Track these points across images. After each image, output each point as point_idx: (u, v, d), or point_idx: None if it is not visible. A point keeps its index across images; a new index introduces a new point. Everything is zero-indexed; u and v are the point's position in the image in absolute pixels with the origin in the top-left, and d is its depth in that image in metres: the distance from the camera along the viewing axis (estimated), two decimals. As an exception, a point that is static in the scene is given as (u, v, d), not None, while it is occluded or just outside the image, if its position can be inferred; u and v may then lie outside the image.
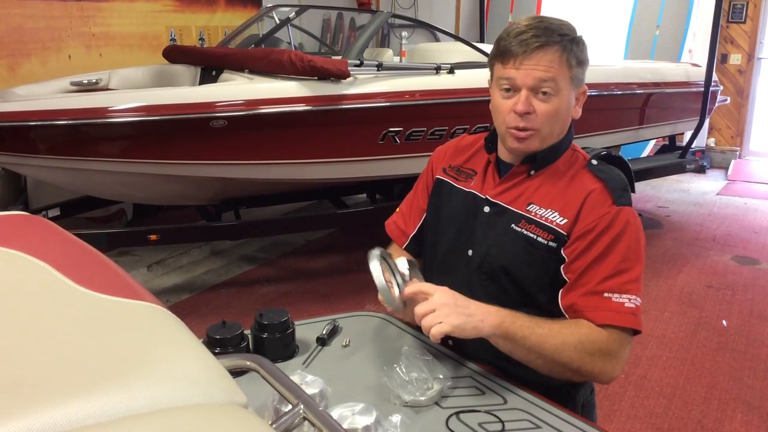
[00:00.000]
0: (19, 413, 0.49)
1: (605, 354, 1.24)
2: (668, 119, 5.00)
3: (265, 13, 4.42)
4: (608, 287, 1.25)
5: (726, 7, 6.59)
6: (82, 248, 0.85)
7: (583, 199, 1.30)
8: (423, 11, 7.03)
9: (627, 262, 1.27)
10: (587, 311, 1.26)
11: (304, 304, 3.60)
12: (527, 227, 1.32)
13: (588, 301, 1.26)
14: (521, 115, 1.29)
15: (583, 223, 1.28)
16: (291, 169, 3.46)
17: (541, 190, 1.34)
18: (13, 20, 4.01)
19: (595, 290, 1.26)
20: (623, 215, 1.28)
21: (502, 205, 1.36)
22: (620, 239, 1.27)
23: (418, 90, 3.49)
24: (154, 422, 0.51)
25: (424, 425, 1.16)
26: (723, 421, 2.56)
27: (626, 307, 1.25)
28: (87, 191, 3.59)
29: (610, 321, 1.24)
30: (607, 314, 1.24)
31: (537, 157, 1.35)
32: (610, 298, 1.25)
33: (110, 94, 3.41)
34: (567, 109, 1.33)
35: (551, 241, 1.30)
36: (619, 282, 1.25)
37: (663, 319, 3.47)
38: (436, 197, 1.51)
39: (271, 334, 1.38)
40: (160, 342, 0.64)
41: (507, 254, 1.33)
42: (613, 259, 1.26)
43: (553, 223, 1.30)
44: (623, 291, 1.25)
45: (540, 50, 1.26)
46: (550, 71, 1.26)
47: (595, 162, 1.37)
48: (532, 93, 1.28)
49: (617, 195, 1.30)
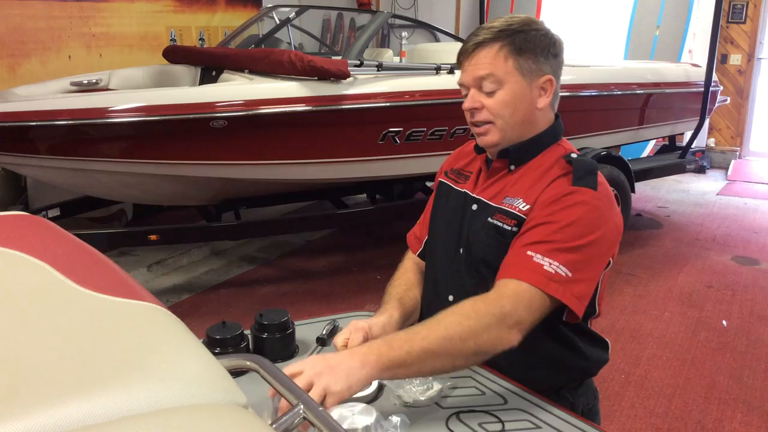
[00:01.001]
0: (19, 413, 0.49)
1: (497, 320, 1.17)
2: (668, 119, 5.00)
3: (265, 14, 4.42)
4: (534, 249, 1.23)
5: (726, 7, 6.59)
6: (82, 248, 0.85)
7: (547, 184, 1.31)
8: (423, 11, 7.03)
9: (565, 234, 1.23)
10: (504, 268, 1.25)
11: (304, 304, 3.60)
12: (498, 217, 1.34)
13: (510, 258, 1.25)
14: (470, 112, 1.36)
15: (539, 202, 1.29)
16: (291, 169, 3.46)
17: (518, 184, 1.36)
18: (13, 20, 4.01)
19: (520, 248, 1.25)
20: (578, 194, 1.27)
21: (484, 201, 1.40)
22: (565, 211, 1.25)
23: (418, 90, 3.49)
24: (154, 422, 0.51)
25: (424, 425, 1.16)
26: (723, 421, 2.56)
27: (544, 269, 1.20)
28: (87, 191, 3.59)
29: (519, 276, 1.21)
30: (519, 271, 1.21)
31: (510, 151, 1.37)
32: (531, 257, 1.22)
33: (110, 94, 3.42)
34: (521, 99, 1.33)
35: (514, 227, 1.31)
36: (548, 248, 1.22)
37: (663, 319, 3.47)
38: (437, 200, 1.54)
39: (271, 334, 1.38)
40: (160, 342, 0.64)
41: (483, 246, 1.36)
42: (551, 227, 1.24)
43: (516, 209, 1.31)
44: (548, 255, 1.21)
45: (477, 49, 1.32)
46: (487, 68, 1.31)
47: (574, 155, 1.36)
48: (478, 90, 1.34)
49: (578, 176, 1.29)
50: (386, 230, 4.73)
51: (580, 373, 1.45)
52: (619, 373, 2.91)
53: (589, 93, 4.22)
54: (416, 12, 7.04)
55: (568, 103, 4.08)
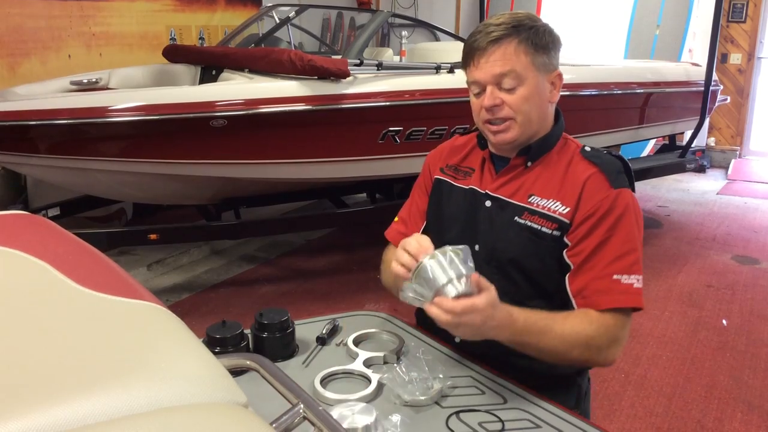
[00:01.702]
0: (19, 413, 0.49)
1: (612, 342, 1.28)
2: (668, 119, 4.99)
3: (265, 13, 4.42)
4: (616, 269, 1.28)
5: (726, 7, 6.58)
6: (82, 248, 0.85)
7: (582, 185, 1.33)
8: (423, 11, 7.03)
9: (630, 243, 1.30)
10: (597, 295, 1.29)
11: (304, 303, 3.60)
12: (531, 218, 1.34)
13: (597, 284, 1.29)
14: (490, 110, 1.34)
15: (584, 209, 1.31)
16: (291, 169, 3.46)
17: (539, 181, 1.37)
18: (13, 20, 4.01)
19: (604, 273, 1.29)
20: (622, 197, 1.32)
21: (503, 199, 1.39)
22: (621, 221, 1.30)
23: (418, 90, 3.49)
24: (154, 422, 0.51)
25: (424, 425, 1.16)
26: (723, 421, 2.56)
27: (634, 288, 1.28)
28: (87, 191, 3.59)
29: (620, 304, 1.28)
30: (618, 297, 1.28)
31: (531, 148, 1.38)
32: (619, 280, 1.28)
33: (110, 93, 3.41)
34: (539, 95, 1.36)
35: (555, 230, 1.33)
36: (626, 264, 1.29)
37: (663, 318, 3.47)
38: (437, 197, 1.52)
39: (271, 333, 1.38)
40: (160, 342, 0.64)
41: (514, 246, 1.36)
42: (617, 241, 1.29)
43: (556, 212, 1.33)
44: (631, 272, 1.29)
45: (493, 45, 1.31)
46: (507, 64, 1.31)
47: (588, 149, 1.40)
48: (496, 88, 1.33)
49: (613, 178, 1.33)
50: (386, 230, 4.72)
51: None
52: (618, 372, 2.91)
53: (589, 92, 4.22)
54: (416, 11, 7.04)
55: (568, 102, 4.08)
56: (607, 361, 1.31)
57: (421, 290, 1.15)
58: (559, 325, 1.26)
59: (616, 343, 1.29)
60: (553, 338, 1.25)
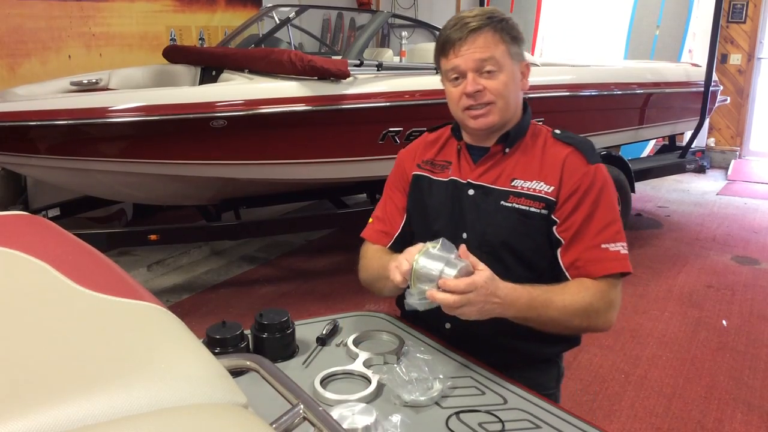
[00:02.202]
0: (19, 413, 0.49)
1: (608, 305, 1.37)
2: (668, 119, 4.99)
3: (265, 13, 4.42)
4: (603, 239, 1.38)
5: (726, 7, 6.59)
6: (82, 248, 0.85)
7: (561, 164, 1.41)
8: (423, 11, 7.03)
9: (612, 213, 1.40)
10: (590, 265, 1.38)
11: (304, 304, 3.60)
12: (517, 201, 1.41)
13: (589, 254, 1.38)
14: (472, 95, 1.39)
15: (567, 186, 1.39)
16: (291, 169, 3.46)
17: (519, 166, 1.44)
18: (13, 20, 4.01)
19: (593, 244, 1.38)
20: (600, 172, 1.42)
21: (486, 186, 1.45)
22: (603, 194, 1.40)
23: (418, 90, 3.49)
24: (154, 422, 0.51)
25: (424, 425, 1.16)
26: (723, 421, 2.56)
27: (621, 254, 1.39)
28: (87, 191, 3.59)
29: (611, 270, 1.37)
30: (608, 264, 1.37)
31: (509, 135, 1.45)
32: (608, 248, 1.38)
33: (110, 94, 3.41)
34: (514, 82, 1.43)
35: (543, 209, 1.40)
36: (611, 233, 1.39)
37: (663, 319, 3.47)
38: (417, 193, 1.55)
39: (271, 334, 1.38)
40: (160, 342, 0.64)
41: (504, 230, 1.42)
42: (601, 213, 1.39)
43: (541, 192, 1.40)
44: (616, 240, 1.39)
45: (473, 34, 1.38)
46: (487, 51, 1.38)
47: (558, 132, 1.48)
48: (477, 74, 1.39)
49: (589, 155, 1.43)
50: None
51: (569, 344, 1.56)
52: (619, 373, 2.91)
53: (589, 93, 4.22)
54: (416, 12, 7.04)
55: (568, 102, 4.11)
56: (606, 325, 1.39)
57: (423, 287, 1.21)
58: (558, 296, 1.34)
59: (612, 307, 1.38)
60: (555, 309, 1.32)
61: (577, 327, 1.39)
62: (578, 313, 1.34)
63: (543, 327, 1.35)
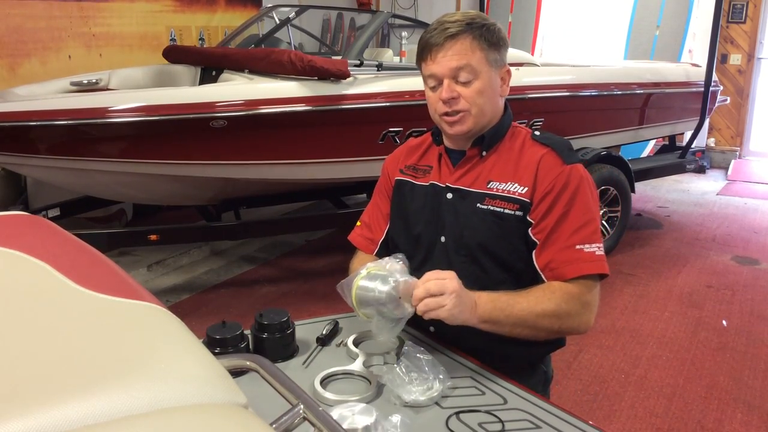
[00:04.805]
0: (19, 413, 0.49)
1: (583, 306, 1.35)
2: (668, 119, 4.99)
3: (265, 13, 4.42)
4: (578, 240, 1.36)
5: (726, 7, 6.59)
6: (82, 248, 0.85)
7: (536, 165, 1.40)
8: (423, 11, 7.03)
9: (588, 214, 1.38)
10: (564, 266, 1.36)
11: (304, 304, 3.60)
12: (492, 203, 1.41)
13: (563, 256, 1.36)
14: (447, 102, 1.40)
15: (541, 187, 1.38)
16: (291, 169, 3.46)
17: (496, 168, 1.43)
18: (13, 20, 4.01)
19: (567, 245, 1.36)
20: (576, 172, 1.39)
21: (464, 189, 1.45)
22: (578, 194, 1.38)
23: (418, 90, 3.48)
24: (154, 422, 0.51)
25: (424, 425, 1.16)
26: (723, 421, 2.56)
27: (597, 255, 1.36)
28: (87, 191, 3.59)
29: (586, 271, 1.35)
30: (583, 265, 1.35)
31: (485, 138, 1.45)
32: (582, 249, 1.36)
33: (110, 94, 3.41)
34: (492, 88, 1.42)
35: (517, 211, 1.39)
36: (586, 233, 1.37)
37: (663, 319, 3.47)
38: (399, 197, 1.57)
39: (271, 334, 1.38)
40: (160, 342, 0.64)
41: (479, 232, 1.42)
42: (576, 213, 1.37)
43: (515, 193, 1.40)
44: (591, 241, 1.37)
45: (449, 41, 1.37)
46: (463, 59, 1.37)
47: (537, 133, 1.46)
48: (453, 81, 1.39)
49: (565, 155, 1.41)
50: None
51: (554, 345, 1.54)
52: (619, 373, 2.91)
53: (589, 93, 4.22)
54: (416, 12, 7.04)
55: (568, 103, 4.12)
56: (582, 327, 1.37)
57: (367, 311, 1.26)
58: (523, 297, 1.33)
59: (587, 309, 1.36)
60: (520, 310, 1.31)
61: (548, 328, 1.35)
62: (546, 315, 1.32)
63: (513, 331, 1.33)
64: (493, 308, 1.29)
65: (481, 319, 1.28)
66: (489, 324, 1.30)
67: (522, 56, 3.97)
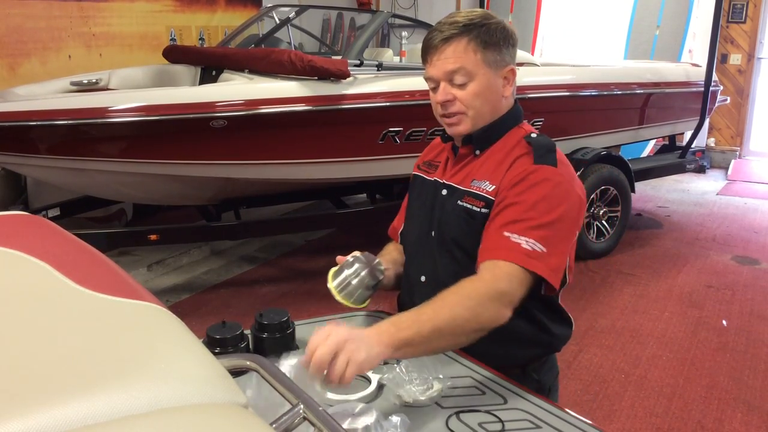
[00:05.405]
0: (19, 413, 0.49)
1: (494, 298, 1.24)
2: (668, 119, 5.00)
3: (265, 13, 4.42)
4: (509, 229, 1.30)
5: (726, 7, 6.58)
6: (82, 248, 0.85)
7: (510, 164, 1.38)
8: (423, 11, 7.03)
9: (534, 212, 1.30)
10: (486, 251, 1.32)
11: (304, 304, 3.60)
12: (467, 200, 1.41)
13: (488, 240, 1.33)
14: (443, 104, 1.40)
15: (503, 183, 1.36)
16: (291, 169, 3.46)
17: (484, 167, 1.43)
18: (13, 20, 4.01)
19: (497, 230, 1.32)
20: (540, 172, 1.34)
21: (453, 186, 1.46)
22: (531, 190, 1.32)
23: (418, 90, 3.49)
24: (154, 422, 0.51)
25: (424, 425, 1.16)
26: (723, 421, 2.56)
27: (522, 248, 1.27)
28: (87, 191, 3.59)
29: (502, 257, 1.27)
30: (500, 252, 1.28)
31: (473, 137, 1.44)
32: (509, 237, 1.29)
33: (110, 94, 3.41)
34: (490, 90, 1.40)
35: (483, 208, 1.38)
36: (522, 227, 1.29)
37: (663, 319, 3.47)
38: (412, 192, 1.61)
39: (271, 333, 1.38)
40: (160, 342, 0.64)
41: (453, 228, 1.43)
42: (520, 207, 1.31)
43: (483, 191, 1.39)
44: (526, 235, 1.28)
45: (444, 44, 1.37)
46: (457, 62, 1.36)
47: (533, 135, 1.43)
48: (449, 83, 1.38)
49: (538, 155, 1.37)
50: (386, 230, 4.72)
51: (544, 349, 1.50)
52: (619, 373, 2.91)
53: (589, 93, 4.22)
54: (416, 12, 7.04)
55: (568, 103, 4.11)
56: (499, 317, 1.24)
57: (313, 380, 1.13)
58: (430, 302, 1.22)
59: (502, 297, 1.24)
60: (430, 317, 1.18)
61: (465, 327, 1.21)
62: (459, 313, 1.20)
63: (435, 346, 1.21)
64: (397, 330, 1.15)
65: (394, 347, 1.13)
66: (405, 348, 1.16)
67: (522, 56, 3.97)
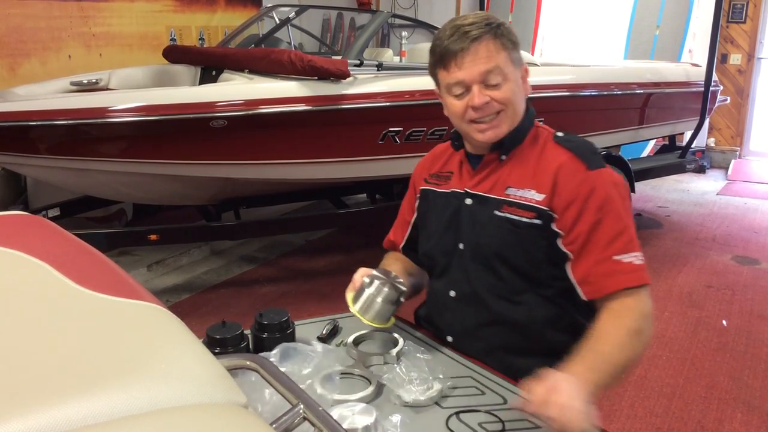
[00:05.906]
0: (19, 413, 0.49)
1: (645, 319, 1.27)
2: (668, 119, 4.99)
3: (265, 13, 4.42)
4: (614, 250, 1.28)
5: (726, 7, 6.58)
6: (82, 248, 0.85)
7: (555, 171, 1.33)
8: (423, 11, 7.03)
9: (621, 222, 1.31)
10: (602, 279, 1.29)
11: (304, 304, 3.60)
12: (509, 210, 1.35)
13: (600, 268, 1.29)
14: (480, 108, 1.33)
15: (562, 195, 1.31)
16: (291, 169, 3.46)
17: (515, 173, 1.38)
18: (13, 20, 4.01)
19: (603, 256, 1.29)
20: (601, 178, 1.32)
21: (482, 195, 1.40)
22: (608, 201, 1.30)
23: (418, 90, 3.49)
24: (154, 422, 0.51)
25: (424, 425, 1.16)
26: (723, 421, 2.56)
27: (635, 265, 1.29)
28: (87, 191, 3.59)
29: (627, 284, 1.27)
30: (623, 278, 1.28)
31: (504, 142, 1.39)
32: (620, 260, 1.28)
33: (110, 94, 3.41)
34: (519, 88, 1.38)
35: (534, 219, 1.33)
36: (622, 243, 1.29)
37: (663, 319, 3.46)
38: (424, 207, 1.55)
39: (271, 333, 1.38)
40: (160, 342, 0.64)
41: (496, 240, 1.37)
42: (608, 222, 1.29)
43: (531, 201, 1.33)
44: (629, 250, 1.29)
45: (475, 43, 1.30)
46: (491, 61, 1.31)
47: (560, 134, 1.40)
48: (482, 85, 1.32)
49: (588, 159, 1.34)
50: (386, 230, 4.71)
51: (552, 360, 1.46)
52: (619, 372, 2.91)
53: (589, 93, 4.22)
54: (416, 12, 7.04)
55: (568, 103, 4.11)
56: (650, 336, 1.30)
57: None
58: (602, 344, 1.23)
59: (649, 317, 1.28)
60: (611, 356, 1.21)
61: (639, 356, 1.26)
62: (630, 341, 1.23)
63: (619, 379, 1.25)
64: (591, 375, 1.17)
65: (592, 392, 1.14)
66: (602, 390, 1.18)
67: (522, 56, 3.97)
